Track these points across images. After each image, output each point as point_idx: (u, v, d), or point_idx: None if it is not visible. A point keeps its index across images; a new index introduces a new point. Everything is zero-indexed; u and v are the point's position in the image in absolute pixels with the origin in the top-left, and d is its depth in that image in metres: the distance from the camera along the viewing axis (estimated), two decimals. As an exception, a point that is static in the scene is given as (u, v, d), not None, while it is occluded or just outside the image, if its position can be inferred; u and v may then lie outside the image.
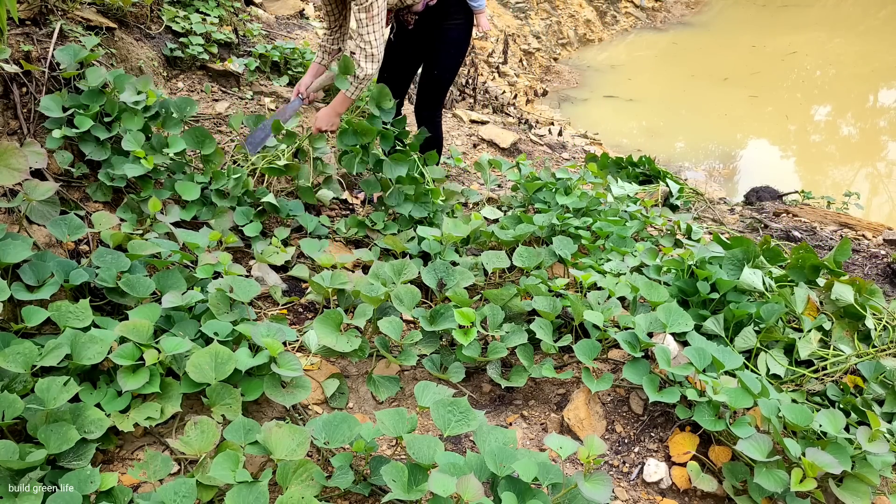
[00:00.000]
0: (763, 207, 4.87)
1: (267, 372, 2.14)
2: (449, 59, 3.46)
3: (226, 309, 2.41)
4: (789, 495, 1.96)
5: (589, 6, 11.98)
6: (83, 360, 1.96)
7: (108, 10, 3.82)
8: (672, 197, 4.33)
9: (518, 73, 9.17)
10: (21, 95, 2.86)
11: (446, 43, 3.41)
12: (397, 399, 2.43)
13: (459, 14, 3.38)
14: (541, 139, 6.31)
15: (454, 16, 3.37)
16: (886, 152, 8.17)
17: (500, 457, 1.78)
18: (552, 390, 2.50)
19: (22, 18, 3.14)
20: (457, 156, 4.35)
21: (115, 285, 2.32)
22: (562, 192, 3.58)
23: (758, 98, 9.15)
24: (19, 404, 1.77)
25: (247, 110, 4.24)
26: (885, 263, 3.54)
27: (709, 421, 2.11)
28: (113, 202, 2.95)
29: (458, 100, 6.76)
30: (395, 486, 1.69)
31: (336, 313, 2.37)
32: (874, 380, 2.35)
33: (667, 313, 2.41)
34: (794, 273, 2.86)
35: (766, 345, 2.53)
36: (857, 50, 11.23)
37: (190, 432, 1.86)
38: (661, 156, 6.83)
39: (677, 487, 2.12)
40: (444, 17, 3.35)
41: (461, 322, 2.37)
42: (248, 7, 5.74)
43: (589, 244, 3.13)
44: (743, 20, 13.14)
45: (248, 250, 3.07)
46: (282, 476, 1.76)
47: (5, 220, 2.44)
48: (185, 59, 4.33)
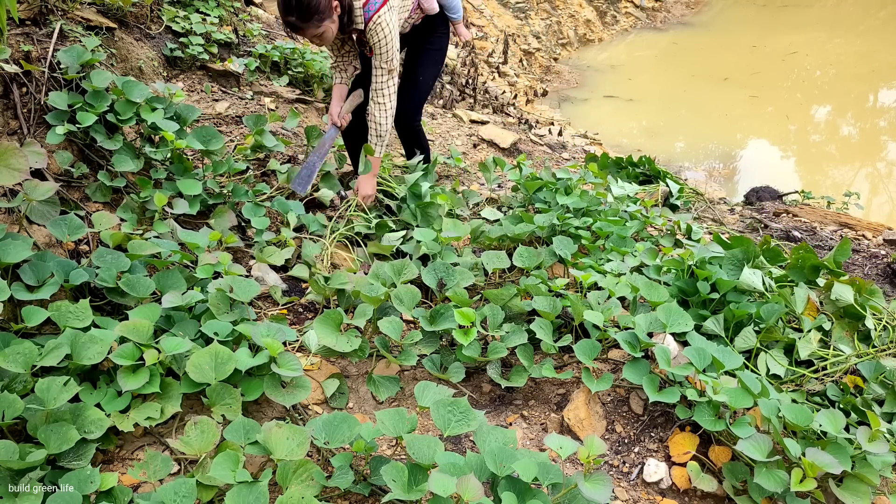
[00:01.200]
0: (763, 207, 4.87)
1: (267, 372, 2.14)
2: (433, 65, 3.53)
3: (226, 309, 2.41)
4: (789, 495, 1.96)
5: (589, 6, 11.99)
6: (83, 360, 1.96)
7: (108, 10, 3.82)
8: (672, 197, 4.33)
9: (518, 73, 9.17)
10: (21, 95, 2.86)
11: (430, 51, 3.49)
12: (397, 399, 2.43)
13: (444, 26, 3.50)
14: (541, 139, 6.31)
15: (439, 29, 3.48)
16: (886, 152, 8.17)
17: (500, 457, 1.78)
18: (552, 390, 2.50)
19: (22, 18, 3.14)
20: (457, 156, 4.35)
21: (115, 285, 2.32)
22: (562, 192, 3.58)
23: (758, 98, 9.15)
24: (19, 404, 1.77)
25: (247, 110, 4.25)
26: (885, 263, 3.54)
27: (709, 421, 2.11)
28: (113, 202, 2.95)
29: (458, 100, 6.76)
30: (395, 486, 1.69)
31: (336, 313, 2.37)
32: (874, 380, 2.35)
33: (667, 313, 2.41)
34: (794, 273, 2.86)
35: (766, 345, 2.53)
36: (857, 50, 11.23)
37: (190, 432, 1.86)
38: (661, 156, 6.83)
39: (677, 487, 2.12)
40: (429, 33, 3.46)
41: (461, 322, 2.37)
42: (248, 7, 5.74)
43: (589, 244, 3.14)
44: (743, 20, 13.14)
45: (248, 250, 3.07)
46: (282, 476, 1.76)
47: (5, 220, 2.44)
48: (185, 59, 4.33)
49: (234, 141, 3.89)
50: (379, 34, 3.00)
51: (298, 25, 2.81)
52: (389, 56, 3.07)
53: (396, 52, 3.10)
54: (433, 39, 3.47)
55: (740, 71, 10.05)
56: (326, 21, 2.84)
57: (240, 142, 3.87)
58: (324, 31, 2.87)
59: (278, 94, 4.62)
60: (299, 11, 2.76)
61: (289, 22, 2.81)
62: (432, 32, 3.45)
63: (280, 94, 4.64)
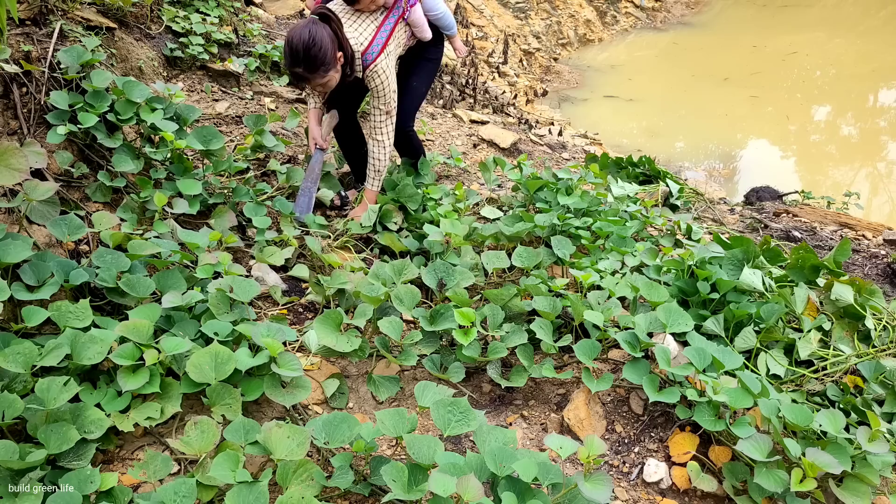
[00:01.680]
0: (763, 207, 4.87)
1: (267, 372, 2.14)
2: (427, 75, 3.61)
3: (226, 309, 2.41)
4: (789, 495, 1.96)
5: (589, 6, 11.98)
6: (83, 360, 1.96)
7: (108, 10, 3.82)
8: (672, 197, 4.33)
9: (518, 73, 9.17)
10: (21, 95, 2.86)
11: (425, 60, 3.56)
12: (397, 399, 2.43)
13: (439, 41, 3.58)
14: (541, 139, 6.30)
15: (436, 43, 3.55)
16: (886, 152, 8.17)
17: (500, 457, 1.78)
18: (552, 390, 2.50)
19: (22, 18, 3.14)
20: (457, 156, 4.35)
21: (115, 285, 2.32)
22: (563, 193, 3.58)
23: (758, 98, 9.15)
24: (19, 404, 1.77)
25: (247, 110, 4.24)
26: (885, 263, 3.54)
27: (709, 421, 2.11)
28: (113, 202, 2.95)
29: (458, 100, 6.76)
30: (395, 486, 1.69)
31: (336, 313, 2.37)
32: (874, 380, 2.35)
33: (667, 313, 2.41)
34: (794, 273, 2.86)
35: (766, 345, 2.53)
36: (857, 50, 11.23)
37: (190, 432, 1.86)
38: (661, 156, 6.83)
39: (677, 487, 2.12)
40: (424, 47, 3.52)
41: (461, 322, 2.37)
42: (248, 7, 5.74)
43: (589, 244, 3.14)
44: (743, 20, 13.14)
45: (248, 250, 3.07)
46: (282, 476, 1.76)
47: (5, 220, 2.44)
48: (185, 59, 4.33)
49: (234, 141, 3.89)
50: (377, 80, 3.14)
51: (305, 76, 2.95)
52: (387, 99, 3.21)
53: (394, 95, 3.23)
54: (429, 50, 3.54)
55: (740, 71, 10.05)
56: (331, 71, 2.97)
57: (240, 142, 3.87)
58: (328, 80, 2.99)
59: (278, 94, 4.62)
60: (307, 64, 2.89)
61: (295, 73, 2.95)
62: (427, 46, 3.52)
63: (280, 94, 4.64)
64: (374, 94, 3.20)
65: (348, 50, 3.03)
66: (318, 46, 2.85)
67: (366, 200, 3.42)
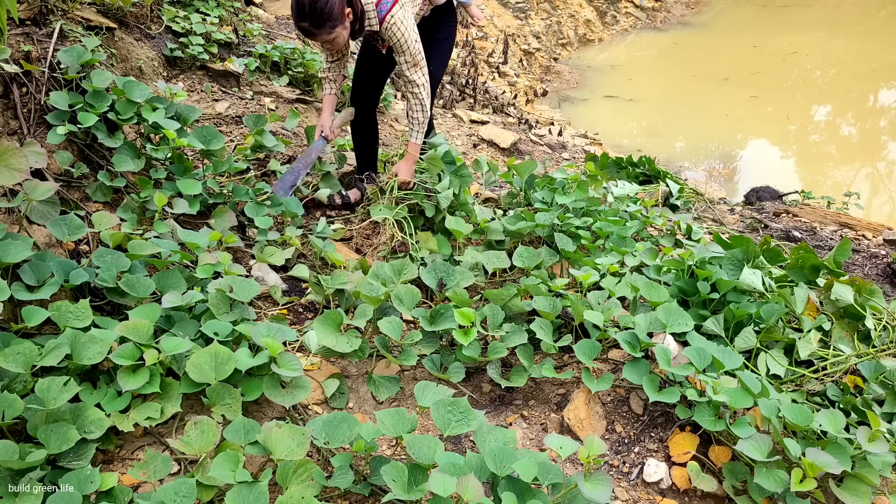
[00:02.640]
0: (763, 207, 4.87)
1: (267, 372, 2.14)
2: (442, 56, 3.54)
3: (226, 309, 2.40)
4: (789, 495, 1.96)
5: (589, 6, 11.99)
6: (83, 360, 1.95)
7: (108, 10, 3.82)
8: (672, 197, 4.33)
9: (518, 73, 9.17)
10: (21, 95, 2.86)
11: (439, 41, 3.48)
12: (397, 399, 2.43)
13: (451, 16, 3.50)
14: (541, 139, 6.31)
15: (447, 19, 3.48)
16: (886, 152, 8.17)
17: (500, 457, 1.78)
18: (552, 390, 2.50)
19: (22, 18, 3.14)
20: (457, 156, 4.34)
21: (115, 285, 2.32)
22: (560, 192, 3.59)
23: (758, 98, 9.15)
24: (19, 404, 1.77)
25: (247, 110, 4.24)
26: (885, 263, 3.54)
27: (709, 421, 2.11)
28: (113, 202, 2.94)
29: (458, 100, 6.76)
30: (395, 486, 1.69)
31: (336, 313, 2.37)
32: (874, 380, 2.35)
33: (667, 313, 2.41)
34: (794, 273, 2.86)
35: (766, 345, 2.53)
36: (857, 50, 11.23)
37: (190, 432, 1.86)
38: (661, 156, 6.83)
39: (677, 487, 2.12)
40: (437, 23, 3.45)
41: (461, 322, 2.37)
42: (248, 7, 5.74)
43: (589, 244, 3.14)
44: (743, 20, 13.14)
45: (249, 250, 3.07)
46: (282, 476, 1.75)
47: (5, 220, 2.44)
48: (185, 59, 4.33)
49: (234, 141, 3.89)
50: (396, 33, 3.03)
51: (311, 31, 2.86)
52: (412, 51, 3.09)
53: (418, 45, 3.11)
54: (441, 29, 3.47)
55: (740, 71, 10.05)
56: (339, 27, 2.88)
57: (240, 142, 3.87)
58: (335, 37, 2.91)
59: (278, 94, 4.62)
60: (312, 17, 2.80)
61: (301, 27, 2.86)
62: (441, 23, 3.45)
63: (280, 94, 4.64)
64: (397, 50, 3.10)
65: (357, 5, 2.94)
66: (324, 0, 2.77)
67: (410, 153, 3.36)
